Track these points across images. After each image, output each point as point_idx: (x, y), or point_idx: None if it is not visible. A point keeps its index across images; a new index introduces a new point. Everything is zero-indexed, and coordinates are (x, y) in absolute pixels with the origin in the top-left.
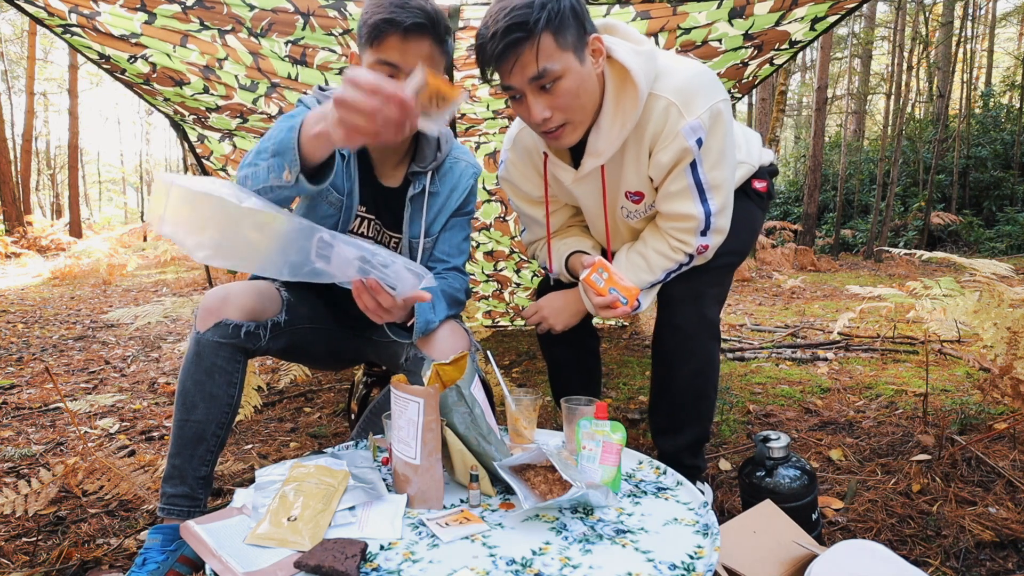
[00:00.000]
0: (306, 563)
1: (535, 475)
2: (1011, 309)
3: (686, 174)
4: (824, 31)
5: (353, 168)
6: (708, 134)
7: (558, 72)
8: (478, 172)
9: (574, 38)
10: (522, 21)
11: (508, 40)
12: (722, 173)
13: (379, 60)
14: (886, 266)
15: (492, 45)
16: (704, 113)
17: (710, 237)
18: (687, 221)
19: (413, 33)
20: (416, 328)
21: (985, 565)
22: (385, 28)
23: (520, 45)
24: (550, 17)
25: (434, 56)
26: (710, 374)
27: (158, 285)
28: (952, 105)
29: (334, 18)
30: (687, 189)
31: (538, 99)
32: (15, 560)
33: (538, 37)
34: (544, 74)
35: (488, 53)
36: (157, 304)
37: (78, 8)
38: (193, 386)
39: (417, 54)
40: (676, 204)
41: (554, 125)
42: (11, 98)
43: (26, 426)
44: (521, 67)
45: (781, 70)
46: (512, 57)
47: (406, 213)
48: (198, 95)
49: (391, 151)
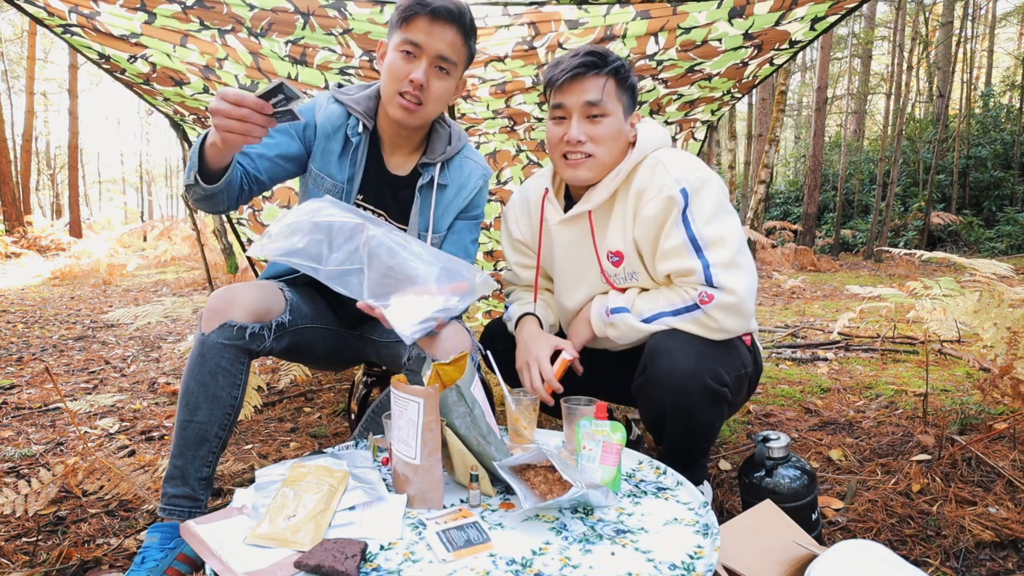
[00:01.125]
0: (306, 563)
1: (535, 475)
2: (1011, 309)
3: (678, 228)
4: (824, 31)
5: (360, 155)
6: (696, 189)
7: (608, 110)
8: (488, 175)
9: (627, 100)
10: (602, 54)
11: (585, 61)
12: (717, 230)
13: (405, 39)
14: (886, 266)
15: (570, 62)
16: (691, 173)
17: (718, 293)
18: (688, 276)
19: (441, 17)
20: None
21: (985, 565)
22: (416, 9)
23: (592, 70)
24: (620, 69)
25: (457, 45)
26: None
27: (158, 285)
28: (952, 105)
29: (334, 18)
30: (682, 245)
31: (582, 123)
32: (15, 560)
33: (607, 75)
34: (598, 103)
35: (563, 66)
36: (157, 304)
37: (78, 8)
38: (197, 387)
39: (442, 38)
40: (673, 261)
41: (582, 152)
42: (11, 98)
43: (26, 426)
44: (584, 89)
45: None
46: (581, 77)
47: (415, 204)
48: (198, 95)
49: (403, 140)
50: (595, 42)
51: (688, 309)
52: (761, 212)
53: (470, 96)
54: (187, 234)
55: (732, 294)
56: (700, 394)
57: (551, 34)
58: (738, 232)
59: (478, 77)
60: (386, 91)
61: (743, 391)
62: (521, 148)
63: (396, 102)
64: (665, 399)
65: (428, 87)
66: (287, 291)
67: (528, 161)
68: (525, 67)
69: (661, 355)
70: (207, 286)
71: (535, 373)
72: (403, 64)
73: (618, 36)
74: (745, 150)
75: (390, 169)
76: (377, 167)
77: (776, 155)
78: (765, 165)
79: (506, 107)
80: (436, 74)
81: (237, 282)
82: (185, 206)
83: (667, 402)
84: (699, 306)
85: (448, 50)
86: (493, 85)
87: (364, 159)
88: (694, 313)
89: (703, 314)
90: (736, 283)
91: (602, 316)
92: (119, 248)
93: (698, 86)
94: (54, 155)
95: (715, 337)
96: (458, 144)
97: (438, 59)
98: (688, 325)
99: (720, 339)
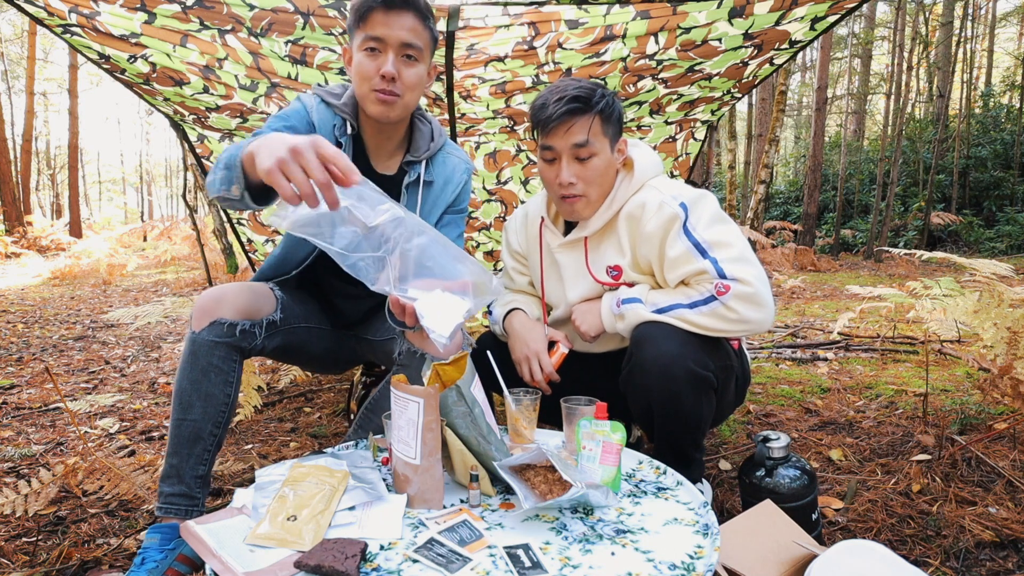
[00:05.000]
0: (306, 563)
1: (535, 475)
2: (1011, 309)
3: (680, 237)
4: (824, 31)
5: (350, 157)
6: (694, 202)
7: (595, 149)
8: (470, 169)
9: (613, 132)
10: (587, 97)
11: (570, 107)
12: (718, 234)
13: (366, 37)
14: (886, 266)
15: (555, 107)
16: (687, 190)
17: (734, 284)
18: (700, 275)
19: (395, 7)
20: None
21: (985, 565)
22: (369, 4)
23: (578, 114)
24: (606, 106)
25: (418, 30)
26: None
27: (158, 285)
28: (952, 105)
29: (334, 18)
30: (687, 251)
31: (571, 165)
32: (15, 560)
33: (594, 115)
34: (586, 145)
35: (549, 111)
36: (157, 304)
37: (78, 8)
38: (189, 385)
39: (401, 26)
40: (681, 268)
41: (573, 192)
42: (11, 98)
43: (26, 426)
44: (571, 132)
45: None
46: (568, 121)
47: (402, 201)
48: (198, 95)
49: (385, 138)
50: (595, 42)
51: (706, 301)
52: (761, 212)
53: (470, 96)
54: (187, 234)
55: (747, 284)
56: (685, 378)
57: (551, 34)
58: (740, 236)
59: (478, 77)
60: (360, 91)
61: (730, 387)
62: (521, 148)
63: (372, 98)
64: (651, 384)
65: (400, 77)
66: (277, 291)
67: (528, 161)
68: (525, 67)
69: (646, 343)
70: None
71: (535, 366)
72: (370, 62)
73: (618, 36)
74: (745, 150)
75: (377, 169)
76: (364, 168)
77: (776, 155)
78: (765, 165)
79: (506, 107)
80: (405, 63)
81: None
82: (185, 206)
83: (653, 387)
84: (716, 297)
85: (410, 36)
86: (493, 85)
87: (352, 161)
88: (712, 305)
89: (721, 305)
90: (747, 274)
91: (612, 308)
92: (119, 248)
93: (698, 86)
94: (54, 155)
95: (737, 330)
96: (440, 140)
97: (403, 47)
98: (705, 319)
99: (743, 332)
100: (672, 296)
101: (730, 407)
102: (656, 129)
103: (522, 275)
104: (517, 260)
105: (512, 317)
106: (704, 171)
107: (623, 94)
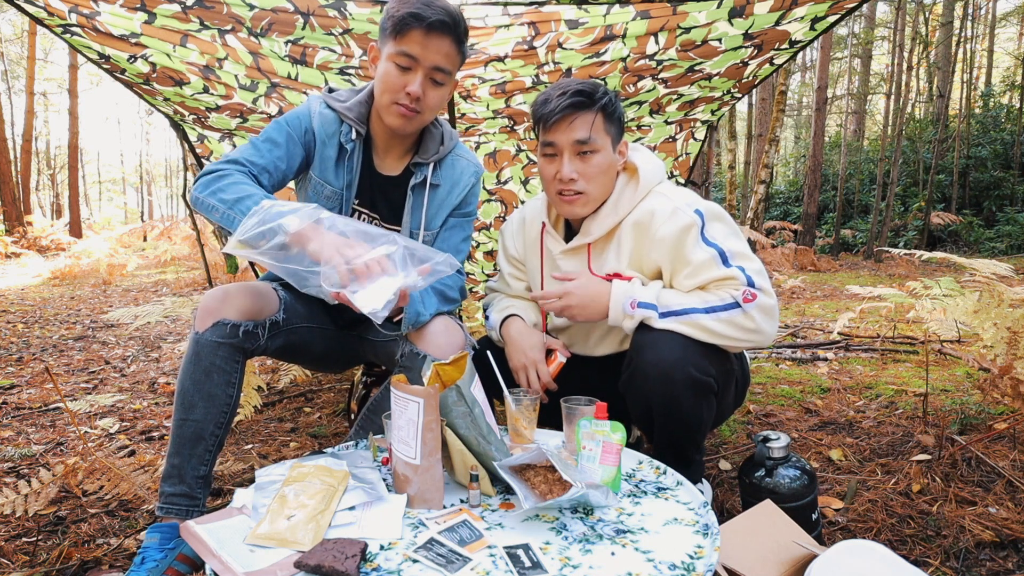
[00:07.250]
0: (306, 563)
1: (535, 475)
2: (1011, 309)
3: (700, 244)
4: (824, 31)
5: (356, 161)
6: (709, 211)
7: (598, 146)
8: (480, 172)
9: (615, 132)
10: (590, 92)
11: (574, 101)
12: (738, 246)
13: (400, 51)
14: (886, 266)
15: (558, 101)
16: (699, 200)
17: (760, 295)
18: (728, 280)
19: (436, 30)
20: (406, 319)
21: (985, 565)
22: (410, 22)
23: (580, 108)
24: (608, 104)
25: (452, 55)
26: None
27: (158, 285)
28: (952, 105)
29: (334, 18)
30: (711, 259)
31: (573, 161)
32: (15, 560)
33: (596, 111)
34: (588, 141)
35: (552, 106)
36: (157, 304)
37: (78, 8)
38: (192, 386)
39: (437, 50)
40: (704, 273)
41: (574, 189)
42: (11, 98)
43: (26, 426)
44: (573, 128)
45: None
46: (570, 116)
47: (408, 203)
48: (198, 95)
49: (396, 142)
50: (595, 42)
51: (726, 307)
52: (761, 212)
53: (470, 96)
54: (187, 234)
55: (770, 296)
56: (685, 383)
57: (551, 34)
58: (747, 246)
59: (478, 77)
60: (381, 99)
61: (731, 390)
62: (521, 148)
63: (394, 111)
64: (651, 389)
65: (425, 98)
66: (281, 291)
67: (528, 161)
68: (525, 67)
69: (646, 348)
70: (207, 286)
71: (532, 375)
72: (399, 76)
73: (618, 36)
74: (745, 150)
75: (380, 170)
76: (368, 170)
77: (776, 155)
78: (765, 165)
79: (506, 107)
80: (432, 85)
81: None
82: (185, 206)
83: (653, 392)
84: (740, 304)
85: (444, 61)
86: (493, 85)
87: (359, 165)
88: (731, 312)
89: (742, 313)
90: (769, 287)
91: (625, 307)
92: (119, 248)
93: (698, 86)
94: (54, 155)
95: (745, 339)
96: (450, 144)
97: (434, 71)
98: (719, 325)
99: (748, 343)
100: (686, 299)
101: (730, 409)
102: (656, 129)
103: (519, 280)
104: (514, 265)
105: (509, 324)
106: (704, 171)
107: (623, 94)
